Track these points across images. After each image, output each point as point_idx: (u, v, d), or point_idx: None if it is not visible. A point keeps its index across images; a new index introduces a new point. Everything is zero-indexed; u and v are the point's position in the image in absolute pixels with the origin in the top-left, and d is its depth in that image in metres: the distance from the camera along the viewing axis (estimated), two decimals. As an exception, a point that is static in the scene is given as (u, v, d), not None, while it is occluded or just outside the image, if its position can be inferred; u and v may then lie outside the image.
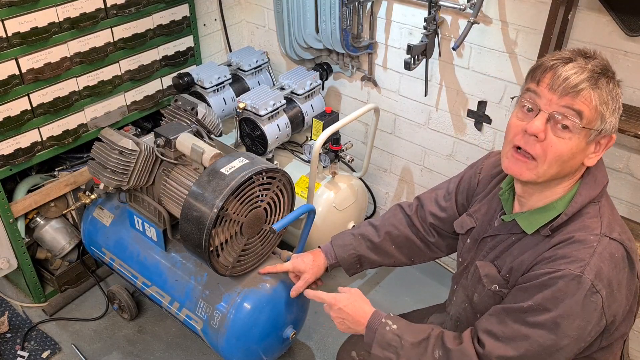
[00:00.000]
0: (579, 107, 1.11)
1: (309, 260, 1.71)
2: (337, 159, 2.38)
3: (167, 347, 2.31)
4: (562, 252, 1.16)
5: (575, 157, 1.16)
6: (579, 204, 1.19)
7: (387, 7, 2.28)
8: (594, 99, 1.11)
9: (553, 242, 1.20)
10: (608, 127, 1.14)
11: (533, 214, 1.25)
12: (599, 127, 1.13)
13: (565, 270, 1.13)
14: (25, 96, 2.04)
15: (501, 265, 1.30)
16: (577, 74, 1.11)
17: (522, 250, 1.26)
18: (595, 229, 1.18)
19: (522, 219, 1.27)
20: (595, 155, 1.18)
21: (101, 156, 1.90)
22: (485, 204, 1.44)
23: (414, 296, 2.54)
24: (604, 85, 1.12)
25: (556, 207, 1.22)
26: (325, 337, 2.37)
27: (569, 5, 1.75)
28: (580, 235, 1.17)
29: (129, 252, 2.12)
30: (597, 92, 1.11)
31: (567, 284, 1.12)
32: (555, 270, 1.14)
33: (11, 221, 2.18)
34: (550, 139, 1.13)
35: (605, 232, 1.17)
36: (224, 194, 1.65)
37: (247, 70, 2.58)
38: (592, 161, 1.18)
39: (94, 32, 2.16)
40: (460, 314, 1.47)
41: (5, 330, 2.33)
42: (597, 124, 1.13)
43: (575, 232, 1.18)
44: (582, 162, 1.18)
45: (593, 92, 1.11)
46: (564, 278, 1.12)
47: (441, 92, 2.31)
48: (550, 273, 1.14)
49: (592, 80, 1.11)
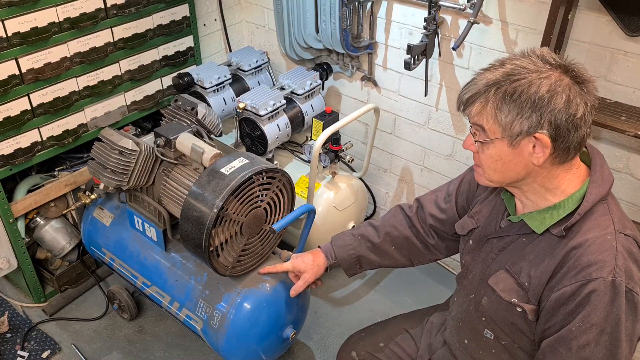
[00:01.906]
0: (479, 121, 1.19)
1: (309, 260, 1.70)
2: (337, 159, 2.38)
3: (167, 347, 2.31)
4: (587, 260, 1.15)
5: (512, 161, 1.19)
6: (590, 203, 1.19)
7: (387, 7, 2.28)
8: (486, 110, 1.17)
9: (570, 245, 1.18)
10: (523, 129, 1.14)
11: (541, 213, 1.25)
12: (508, 134, 1.16)
13: (598, 279, 1.12)
14: (25, 96, 2.04)
15: (517, 272, 1.28)
16: (469, 90, 1.19)
17: (539, 255, 1.24)
18: (608, 226, 1.18)
19: (530, 219, 1.27)
20: (540, 153, 1.16)
21: (101, 156, 1.90)
22: (488, 205, 1.43)
23: (414, 296, 2.54)
24: (493, 95, 1.15)
25: (565, 206, 1.21)
26: (325, 337, 2.37)
27: (569, 5, 1.75)
28: (596, 236, 1.17)
29: (129, 252, 2.12)
30: (488, 103, 1.16)
31: (605, 293, 1.12)
32: (587, 280, 1.13)
33: (11, 221, 2.18)
34: (479, 150, 1.24)
35: (619, 229, 1.18)
36: (224, 194, 1.65)
37: (247, 70, 2.58)
38: (539, 159, 1.16)
39: (94, 32, 2.16)
40: (463, 316, 1.46)
41: (5, 330, 2.33)
42: (499, 132, 1.17)
43: (589, 231, 1.18)
44: (532, 162, 1.17)
45: (482, 105, 1.17)
46: (600, 288, 1.12)
47: (441, 92, 2.31)
48: (584, 285, 1.13)
49: (482, 94, 1.16)
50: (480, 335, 1.40)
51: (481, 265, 1.39)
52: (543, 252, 1.24)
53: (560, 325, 1.19)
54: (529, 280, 1.25)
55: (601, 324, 1.13)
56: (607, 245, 1.15)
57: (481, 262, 1.40)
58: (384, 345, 1.69)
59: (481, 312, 1.37)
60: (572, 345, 1.16)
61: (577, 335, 1.15)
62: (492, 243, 1.37)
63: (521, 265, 1.27)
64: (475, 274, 1.41)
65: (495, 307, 1.32)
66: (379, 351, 1.68)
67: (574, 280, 1.15)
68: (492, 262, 1.35)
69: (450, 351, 1.55)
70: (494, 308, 1.33)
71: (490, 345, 1.39)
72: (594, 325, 1.14)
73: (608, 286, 1.12)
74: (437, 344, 1.61)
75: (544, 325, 1.23)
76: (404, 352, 1.67)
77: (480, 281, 1.38)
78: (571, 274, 1.16)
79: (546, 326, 1.22)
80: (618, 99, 1.84)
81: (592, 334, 1.14)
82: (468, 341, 1.46)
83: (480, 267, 1.39)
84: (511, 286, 1.28)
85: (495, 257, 1.35)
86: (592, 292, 1.13)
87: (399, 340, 1.69)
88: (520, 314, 1.27)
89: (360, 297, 2.55)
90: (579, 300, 1.14)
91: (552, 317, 1.20)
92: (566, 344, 1.17)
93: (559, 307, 1.18)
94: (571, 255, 1.18)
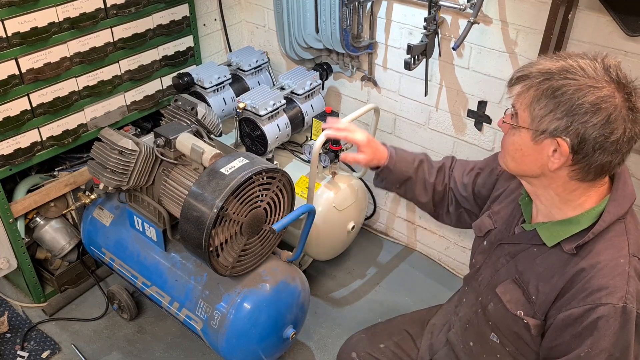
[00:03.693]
0: (516, 103, 1.16)
1: (382, 150, 1.60)
2: (337, 159, 2.38)
3: (167, 347, 2.31)
4: (598, 283, 1.12)
5: (530, 155, 1.15)
6: (606, 223, 1.15)
7: (387, 7, 2.28)
8: (526, 96, 1.12)
9: (581, 265, 1.15)
10: (549, 128, 1.09)
11: (555, 226, 1.21)
12: (534, 127, 1.11)
13: (608, 305, 1.10)
14: (25, 96, 2.04)
15: (525, 283, 1.25)
16: (523, 70, 1.14)
17: (548, 269, 1.22)
18: (623, 248, 1.14)
19: (543, 230, 1.23)
20: (557, 160, 1.11)
21: (101, 156, 1.90)
22: (507, 208, 1.41)
23: (414, 296, 2.54)
24: (539, 83, 1.10)
25: (580, 222, 1.18)
26: (325, 337, 2.37)
27: (569, 5, 1.75)
28: (609, 259, 1.13)
29: (128, 252, 2.12)
30: (530, 89, 1.11)
31: (615, 319, 1.10)
32: (596, 305, 1.11)
33: (11, 221, 2.18)
34: (507, 133, 1.21)
35: (634, 251, 1.14)
36: (224, 194, 1.65)
37: (247, 70, 2.58)
38: (554, 165, 1.12)
39: (94, 32, 2.16)
40: (471, 318, 1.44)
41: (5, 330, 2.33)
42: (528, 122, 1.13)
43: (602, 252, 1.14)
44: (548, 165, 1.13)
45: (525, 89, 1.13)
46: (610, 314, 1.10)
47: (441, 92, 2.31)
48: (593, 309, 1.11)
49: (530, 78, 1.12)
50: (486, 339, 1.38)
51: (491, 269, 1.38)
52: (552, 266, 1.21)
53: (566, 346, 1.16)
54: (537, 294, 1.23)
55: (610, 349, 1.11)
56: (619, 270, 1.12)
57: (491, 266, 1.38)
58: (385, 346, 1.69)
59: (487, 317, 1.36)
60: None
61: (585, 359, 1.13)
62: (504, 248, 1.35)
63: (529, 276, 1.25)
64: (484, 277, 1.40)
65: (501, 316, 1.31)
66: (379, 352, 1.68)
67: (582, 303, 1.13)
68: (502, 267, 1.34)
69: (453, 352, 1.54)
70: (499, 316, 1.32)
71: (496, 349, 1.37)
72: (603, 350, 1.11)
73: (618, 312, 1.09)
74: (438, 345, 1.60)
75: (549, 343, 1.21)
76: (404, 353, 1.67)
77: (488, 286, 1.36)
78: (580, 297, 1.13)
79: (552, 344, 1.21)
80: (618, 99, 1.83)
81: (600, 359, 1.12)
82: (473, 344, 1.45)
83: (490, 271, 1.38)
84: (518, 298, 1.26)
85: (505, 264, 1.33)
86: (601, 318, 1.10)
87: (400, 341, 1.69)
88: (525, 326, 1.26)
89: (360, 297, 2.55)
90: (586, 324, 1.12)
91: (559, 337, 1.18)
92: None
93: (566, 327, 1.16)
94: (582, 276, 1.15)
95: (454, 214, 1.63)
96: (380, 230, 2.92)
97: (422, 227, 2.73)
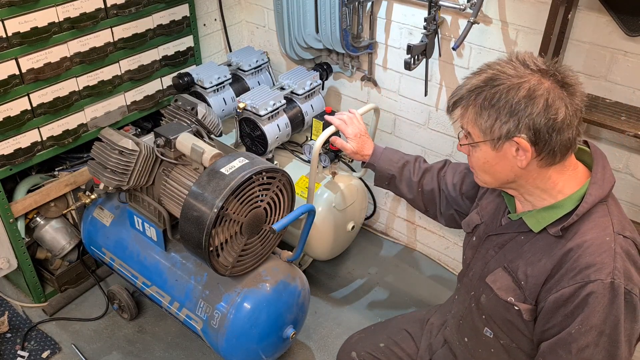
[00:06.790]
0: (464, 125, 1.24)
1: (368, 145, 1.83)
2: (337, 159, 2.38)
3: (167, 347, 2.31)
4: (585, 261, 1.15)
5: (498, 164, 1.22)
6: (589, 204, 1.19)
7: (387, 7, 2.28)
8: (468, 115, 1.21)
9: (568, 246, 1.19)
10: (502, 133, 1.16)
11: (540, 212, 1.25)
12: (489, 138, 1.19)
13: (597, 281, 1.12)
14: (25, 96, 2.04)
15: (514, 270, 1.28)
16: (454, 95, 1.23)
17: (536, 254, 1.25)
18: (607, 227, 1.18)
19: (529, 217, 1.27)
20: (523, 157, 1.18)
21: (101, 156, 1.90)
22: (493, 202, 1.44)
23: (414, 296, 2.54)
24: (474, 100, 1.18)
25: (564, 206, 1.22)
26: (325, 337, 2.37)
27: (569, 5, 1.75)
28: (594, 237, 1.17)
29: (129, 252, 2.12)
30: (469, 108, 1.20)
31: (603, 295, 1.12)
32: (585, 282, 1.13)
33: (11, 221, 2.18)
34: (469, 153, 1.28)
35: (618, 230, 1.18)
36: (224, 194, 1.65)
37: (247, 70, 2.58)
38: (522, 162, 1.18)
39: (94, 32, 2.16)
40: (464, 313, 1.46)
41: (5, 330, 2.33)
42: (481, 136, 1.20)
43: (588, 232, 1.18)
44: (517, 165, 1.19)
45: (464, 110, 1.21)
46: (599, 290, 1.12)
47: (441, 92, 2.31)
48: (583, 286, 1.13)
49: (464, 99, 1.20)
50: (480, 334, 1.40)
51: (481, 262, 1.40)
52: (540, 251, 1.24)
53: (559, 327, 1.19)
54: (526, 278, 1.25)
55: (600, 326, 1.13)
56: (605, 247, 1.15)
57: (481, 259, 1.40)
58: (384, 345, 1.69)
59: (481, 310, 1.38)
60: (572, 347, 1.16)
61: (576, 338, 1.15)
62: (492, 240, 1.38)
63: (518, 263, 1.28)
64: (475, 272, 1.42)
65: (493, 305, 1.33)
66: (379, 351, 1.69)
67: (572, 282, 1.16)
68: (491, 259, 1.36)
69: (451, 350, 1.55)
70: (492, 306, 1.34)
71: (490, 344, 1.39)
72: (593, 327, 1.14)
73: (607, 288, 1.12)
74: (437, 344, 1.61)
75: (542, 327, 1.23)
76: (404, 353, 1.67)
77: (480, 278, 1.39)
78: (569, 276, 1.16)
79: (545, 327, 1.23)
80: (618, 99, 1.84)
81: (591, 336, 1.14)
82: (468, 339, 1.46)
83: (480, 264, 1.40)
84: (508, 284, 1.29)
85: (494, 255, 1.36)
86: (591, 294, 1.13)
87: (399, 340, 1.70)
88: (517, 313, 1.28)
89: (360, 297, 2.55)
90: (577, 302, 1.15)
91: (551, 319, 1.20)
92: (566, 346, 1.17)
93: (558, 308, 1.18)
94: (569, 256, 1.18)
95: (445, 214, 1.72)
96: (380, 230, 2.92)
97: (422, 227, 2.73)
